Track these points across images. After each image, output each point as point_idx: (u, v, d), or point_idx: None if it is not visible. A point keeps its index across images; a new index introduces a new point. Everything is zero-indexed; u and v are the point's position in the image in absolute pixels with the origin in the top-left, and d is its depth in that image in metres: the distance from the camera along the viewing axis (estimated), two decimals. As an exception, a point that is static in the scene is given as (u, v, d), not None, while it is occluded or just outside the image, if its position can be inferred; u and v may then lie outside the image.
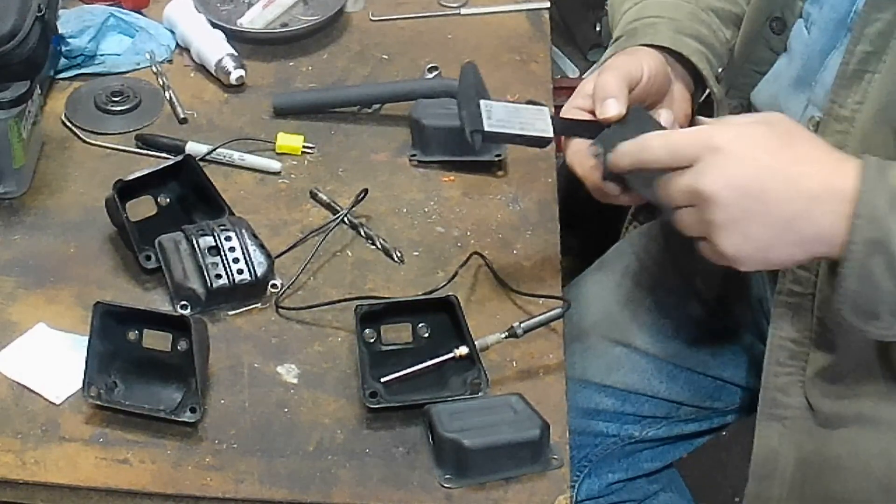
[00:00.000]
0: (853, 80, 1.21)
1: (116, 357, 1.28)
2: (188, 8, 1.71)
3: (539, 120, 1.25)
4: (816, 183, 1.11)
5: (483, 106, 1.23)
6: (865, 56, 1.20)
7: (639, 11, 1.40)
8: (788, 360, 1.30)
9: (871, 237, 1.09)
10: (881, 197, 1.09)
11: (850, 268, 1.11)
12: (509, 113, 1.25)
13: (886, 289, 1.11)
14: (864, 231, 1.09)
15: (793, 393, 1.30)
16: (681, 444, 1.63)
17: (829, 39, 1.28)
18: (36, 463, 1.21)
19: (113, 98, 1.60)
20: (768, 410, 1.32)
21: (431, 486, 1.21)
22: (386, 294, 1.37)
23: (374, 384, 1.26)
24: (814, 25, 1.31)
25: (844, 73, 1.22)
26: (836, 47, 1.27)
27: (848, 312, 1.14)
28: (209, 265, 1.35)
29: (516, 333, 1.30)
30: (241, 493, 1.20)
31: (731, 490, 2.19)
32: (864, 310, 1.13)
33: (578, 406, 1.51)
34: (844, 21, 1.26)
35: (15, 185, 1.48)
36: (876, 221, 1.09)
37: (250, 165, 1.53)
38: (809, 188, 1.10)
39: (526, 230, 1.47)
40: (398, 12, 1.79)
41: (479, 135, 1.23)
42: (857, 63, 1.20)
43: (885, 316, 1.13)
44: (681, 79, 1.37)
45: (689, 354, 1.54)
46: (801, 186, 1.10)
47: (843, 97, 1.22)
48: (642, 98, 1.30)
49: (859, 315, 1.14)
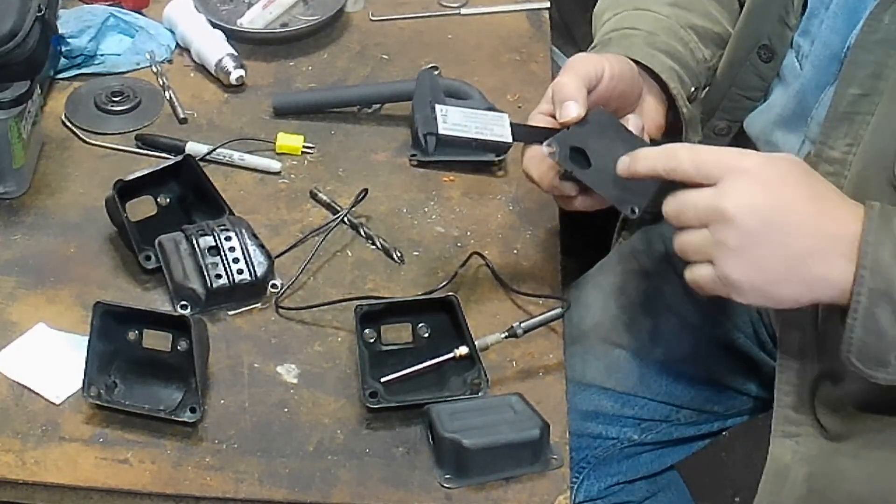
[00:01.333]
0: (843, 122, 1.19)
1: (116, 357, 1.28)
2: (188, 8, 1.71)
3: (497, 125, 1.24)
4: (833, 223, 1.10)
5: (439, 110, 1.23)
6: (856, 98, 1.19)
7: (617, 22, 1.39)
8: (797, 379, 1.29)
9: (875, 287, 1.09)
10: (886, 247, 1.08)
11: (856, 317, 1.10)
12: (466, 117, 1.24)
13: (893, 337, 1.10)
14: (868, 282, 1.09)
15: (803, 411, 1.30)
16: (680, 448, 1.62)
17: (823, 75, 1.27)
18: (36, 463, 1.21)
19: (113, 98, 1.60)
20: (781, 428, 1.31)
21: (431, 486, 1.21)
22: (386, 294, 1.37)
23: (374, 384, 1.26)
24: (805, 59, 1.30)
25: (835, 115, 1.20)
26: (830, 83, 1.25)
27: (856, 360, 1.13)
28: (209, 265, 1.35)
29: (516, 333, 1.30)
30: (241, 493, 1.20)
31: (731, 490, 2.19)
32: (872, 357, 1.12)
33: (578, 408, 1.51)
34: (838, 56, 1.24)
35: (15, 185, 1.48)
36: (880, 272, 1.08)
37: (250, 165, 1.53)
38: (826, 227, 1.10)
39: (526, 230, 1.47)
40: (398, 12, 1.79)
41: (434, 137, 1.22)
42: (848, 105, 1.19)
43: (894, 363, 1.12)
44: (654, 94, 1.35)
45: (689, 358, 1.54)
46: (820, 224, 1.10)
47: (833, 138, 1.20)
48: (606, 99, 1.28)
49: (866, 363, 1.13)
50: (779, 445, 1.32)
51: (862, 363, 1.13)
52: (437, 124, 1.22)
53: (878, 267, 1.08)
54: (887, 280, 1.08)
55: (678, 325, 1.54)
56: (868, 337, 1.11)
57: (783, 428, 1.31)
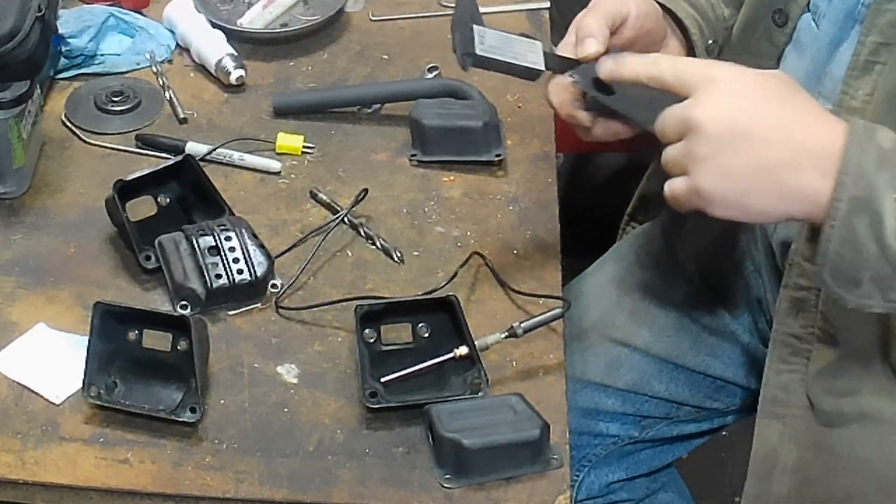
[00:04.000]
0: (865, 72, 1.21)
1: (116, 357, 1.28)
2: (188, 8, 1.71)
3: (532, 53, 1.25)
4: (808, 135, 1.08)
5: (476, 31, 1.24)
6: (877, 47, 1.20)
7: None
8: (791, 357, 1.30)
9: (856, 195, 1.06)
10: (869, 155, 1.07)
11: (834, 227, 1.07)
12: (502, 41, 1.25)
13: (870, 251, 1.07)
14: (850, 188, 1.06)
15: (794, 391, 1.30)
16: (680, 444, 1.63)
17: (839, 31, 1.28)
18: (36, 463, 1.21)
19: (113, 98, 1.60)
20: (769, 409, 1.32)
21: (431, 486, 1.21)
22: (386, 294, 1.37)
23: (374, 384, 1.26)
24: (823, 18, 1.30)
25: (856, 65, 1.21)
26: (845, 39, 1.27)
27: (828, 277, 1.10)
28: (209, 265, 1.35)
29: (516, 333, 1.30)
30: (241, 493, 1.20)
31: (731, 490, 2.19)
32: (846, 275, 1.10)
33: (578, 406, 1.51)
34: (853, 13, 1.26)
35: (15, 185, 1.48)
36: (862, 179, 1.06)
37: (250, 165, 1.53)
38: (799, 139, 1.08)
39: (526, 230, 1.47)
40: (398, 12, 1.79)
41: (470, 58, 1.23)
42: (869, 54, 1.20)
43: (866, 283, 1.09)
44: (677, 37, 1.37)
45: (689, 354, 1.54)
46: (791, 135, 1.08)
47: (854, 88, 1.22)
48: (633, 38, 1.30)
49: (840, 281, 1.10)
50: (765, 426, 1.32)
51: (835, 280, 1.10)
52: (474, 45, 1.23)
53: (860, 173, 1.06)
54: (869, 187, 1.06)
55: (678, 322, 1.54)
56: (844, 249, 1.08)
57: (770, 409, 1.31)
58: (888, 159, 1.06)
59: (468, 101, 1.58)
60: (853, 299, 1.11)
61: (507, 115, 1.59)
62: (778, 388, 1.31)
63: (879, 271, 1.08)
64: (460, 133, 1.53)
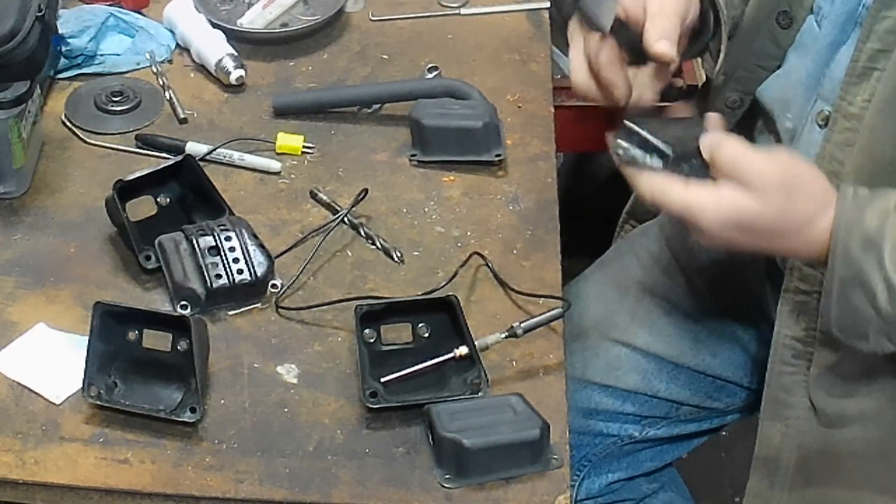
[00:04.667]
0: (862, 78, 1.21)
1: (116, 357, 1.28)
2: (188, 8, 1.71)
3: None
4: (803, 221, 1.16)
5: None
6: (875, 54, 1.20)
7: None
8: (793, 360, 1.30)
9: (846, 276, 1.14)
10: (854, 239, 1.13)
11: (830, 299, 1.16)
12: None
13: (868, 315, 1.15)
14: (839, 270, 1.14)
15: (796, 392, 1.30)
16: (680, 444, 1.63)
17: (840, 33, 1.28)
18: (36, 463, 1.21)
19: (113, 98, 1.60)
20: (771, 410, 1.32)
21: (431, 486, 1.21)
22: (386, 294, 1.37)
23: (374, 384, 1.26)
24: (825, 19, 1.31)
25: (854, 71, 1.22)
26: (846, 41, 1.27)
27: (837, 333, 1.19)
28: (209, 265, 1.35)
29: (516, 333, 1.30)
30: (241, 493, 1.20)
31: (731, 490, 2.20)
32: (852, 333, 1.18)
33: (578, 406, 1.51)
34: (854, 15, 1.26)
35: (15, 185, 1.48)
36: (851, 263, 1.14)
37: (250, 165, 1.53)
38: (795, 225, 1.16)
39: (526, 230, 1.47)
40: (398, 12, 1.79)
41: None
42: (867, 60, 1.21)
43: (873, 336, 1.16)
44: None
45: (689, 354, 1.54)
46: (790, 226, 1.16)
47: (852, 94, 1.22)
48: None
49: (848, 337, 1.18)
50: (768, 427, 1.32)
51: (843, 335, 1.19)
52: None
53: (848, 259, 1.14)
54: (857, 270, 1.13)
55: (678, 321, 1.54)
56: (844, 316, 1.17)
57: (773, 410, 1.32)
58: (873, 241, 1.13)
59: (468, 101, 1.57)
60: (866, 347, 1.19)
61: (507, 115, 1.59)
62: (780, 389, 1.31)
63: (881, 328, 1.15)
64: (460, 133, 1.53)
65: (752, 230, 1.15)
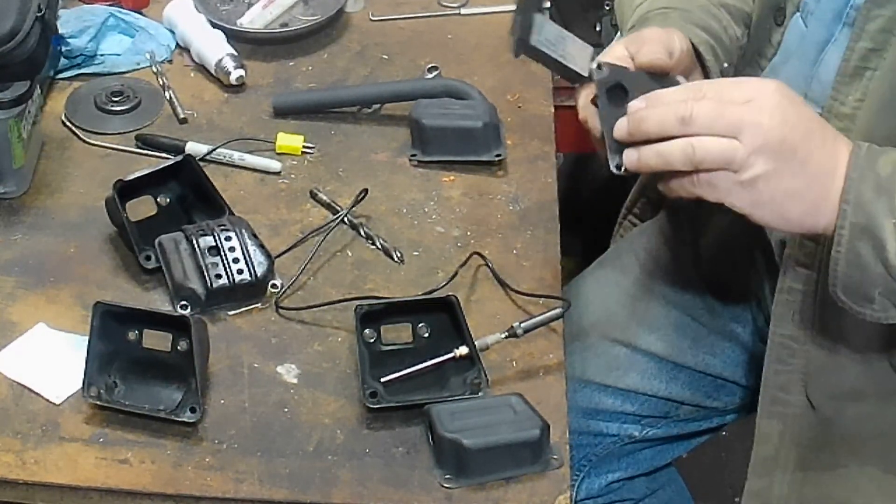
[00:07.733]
0: (854, 78, 1.21)
1: (116, 357, 1.28)
2: (188, 8, 1.71)
3: (581, 57, 1.25)
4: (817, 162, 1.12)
5: (537, 20, 1.23)
6: (867, 53, 1.20)
7: (651, 4, 1.39)
8: (789, 359, 1.30)
9: (856, 222, 1.11)
10: (867, 183, 1.11)
11: (840, 252, 1.13)
12: (558, 38, 1.25)
13: (876, 272, 1.12)
14: (851, 216, 1.11)
15: (793, 391, 1.30)
16: (680, 444, 1.63)
17: (826, 32, 1.28)
18: (36, 463, 1.21)
19: (113, 98, 1.60)
20: (769, 408, 1.32)
21: (431, 486, 1.21)
22: (386, 294, 1.37)
23: (374, 384, 1.26)
24: (811, 16, 1.31)
25: (846, 70, 1.22)
26: (832, 41, 1.27)
27: (842, 295, 1.15)
28: (209, 265, 1.35)
29: (516, 333, 1.30)
30: (241, 493, 1.20)
31: (731, 490, 2.19)
32: (857, 293, 1.15)
33: (578, 405, 1.51)
34: (841, 14, 1.26)
35: (15, 185, 1.48)
36: (862, 207, 1.11)
37: (250, 165, 1.53)
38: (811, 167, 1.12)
39: (526, 230, 1.47)
40: (398, 12, 1.79)
41: (523, 45, 1.23)
42: (859, 60, 1.21)
43: (878, 298, 1.14)
44: (697, 68, 1.36)
45: (689, 353, 1.54)
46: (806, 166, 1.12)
47: (844, 94, 1.22)
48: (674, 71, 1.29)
49: (852, 298, 1.16)
50: (765, 425, 1.32)
51: (848, 297, 1.16)
52: (531, 34, 1.22)
53: (860, 201, 1.11)
54: (867, 216, 1.11)
55: (678, 321, 1.54)
56: (851, 270, 1.13)
57: (770, 408, 1.32)
58: (885, 186, 1.11)
59: (468, 101, 1.58)
60: (870, 313, 1.16)
61: (507, 115, 1.60)
62: (777, 388, 1.31)
63: (888, 287, 1.13)
64: (460, 133, 1.53)
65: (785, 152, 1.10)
